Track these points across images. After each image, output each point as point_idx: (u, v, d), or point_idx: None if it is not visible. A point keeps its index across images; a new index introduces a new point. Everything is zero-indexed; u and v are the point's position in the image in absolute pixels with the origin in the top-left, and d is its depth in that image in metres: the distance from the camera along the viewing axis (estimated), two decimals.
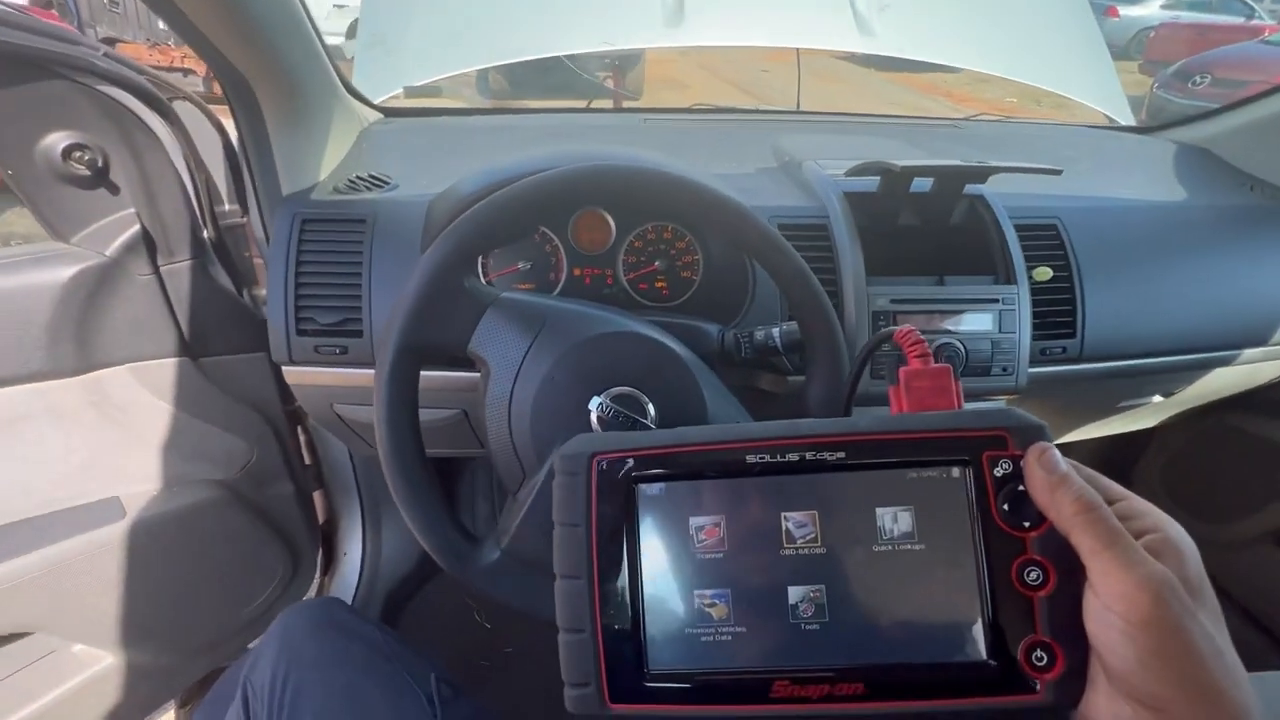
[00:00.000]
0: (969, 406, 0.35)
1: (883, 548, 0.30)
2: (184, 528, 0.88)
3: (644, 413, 0.55)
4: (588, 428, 0.55)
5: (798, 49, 1.33)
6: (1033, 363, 0.79)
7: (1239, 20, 8.60)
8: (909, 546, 0.29)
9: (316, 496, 1.17)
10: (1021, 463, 0.29)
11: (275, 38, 0.68)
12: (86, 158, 0.72)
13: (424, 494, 0.53)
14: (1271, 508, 1.13)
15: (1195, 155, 1.09)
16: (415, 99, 1.22)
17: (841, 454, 0.30)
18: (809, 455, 0.30)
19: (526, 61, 1.15)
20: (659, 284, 0.83)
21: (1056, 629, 0.28)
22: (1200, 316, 0.87)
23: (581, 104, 1.62)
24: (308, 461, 1.10)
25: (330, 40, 0.82)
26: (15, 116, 0.68)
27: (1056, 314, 0.82)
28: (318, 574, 1.18)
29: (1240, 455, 1.18)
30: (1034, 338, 0.79)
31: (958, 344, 0.77)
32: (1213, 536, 1.21)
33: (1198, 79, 5.31)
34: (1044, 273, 0.80)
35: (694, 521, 0.31)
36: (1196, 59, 5.75)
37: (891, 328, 0.41)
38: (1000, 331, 0.78)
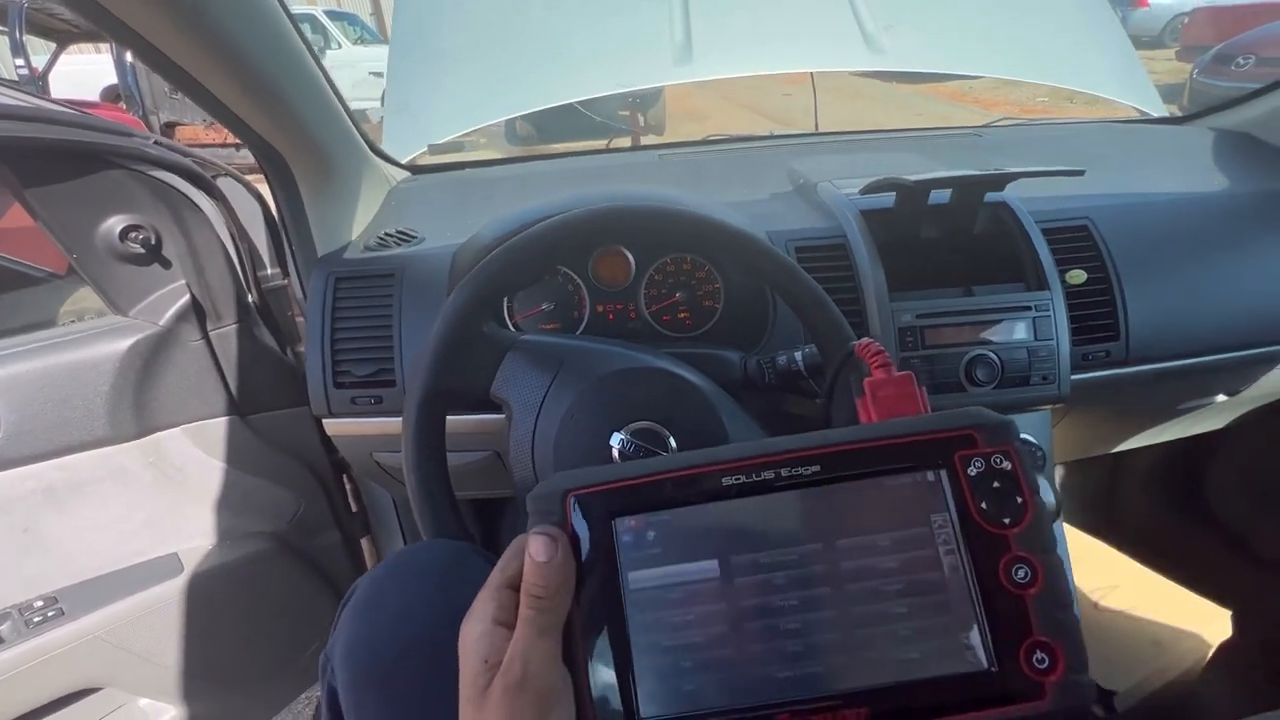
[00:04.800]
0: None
1: (870, 562, 0.29)
2: (238, 580, 0.91)
3: (665, 446, 0.55)
4: (608, 463, 0.55)
5: (811, 72, 1.34)
6: (1075, 369, 0.76)
7: None
8: (896, 558, 0.29)
9: (364, 543, 1.19)
10: (995, 459, 0.29)
11: (303, 114, 0.73)
12: (141, 237, 0.78)
13: (454, 538, 0.54)
14: None
15: (1236, 141, 1.05)
16: (440, 155, 1.28)
17: (816, 468, 0.29)
18: (784, 472, 0.30)
19: (551, 108, 1.19)
20: (681, 314, 0.83)
21: (1052, 627, 0.27)
22: (1256, 308, 0.82)
23: (601, 144, 1.66)
24: (354, 510, 1.13)
25: (368, 105, 0.88)
26: (77, 205, 0.74)
27: (1096, 317, 0.79)
28: None
29: None
30: (1074, 343, 0.76)
31: (992, 355, 0.74)
32: None
33: (1241, 60, 5.09)
34: (1078, 276, 0.78)
35: (677, 552, 0.30)
36: (1237, 40, 5.51)
37: (852, 343, 0.41)
38: (1036, 339, 0.75)
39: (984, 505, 0.29)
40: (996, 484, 0.29)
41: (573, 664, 0.29)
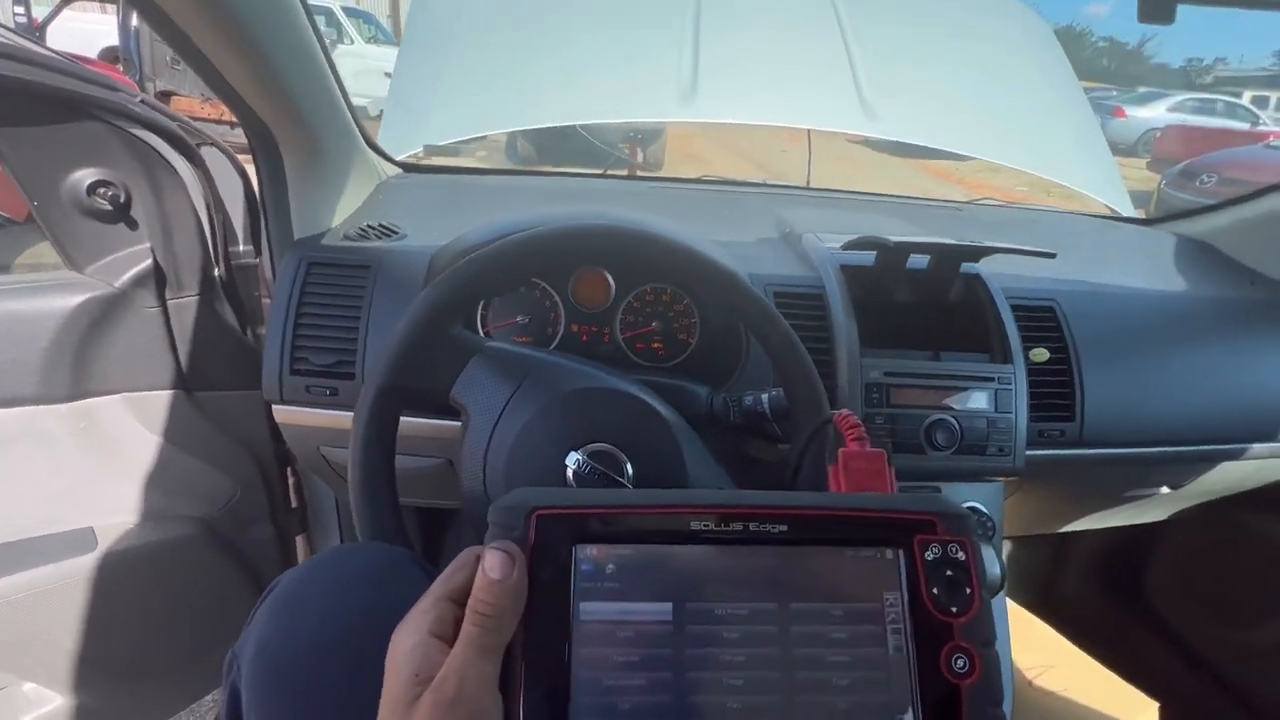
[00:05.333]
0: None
1: (820, 629, 0.29)
2: (155, 564, 0.86)
3: (621, 471, 0.54)
4: (563, 482, 0.53)
5: (809, 130, 1.38)
6: (1031, 445, 0.78)
7: (1244, 125, 8.93)
8: (846, 629, 0.29)
9: (299, 541, 1.14)
10: (951, 548, 0.30)
11: (299, 93, 0.72)
12: (110, 193, 0.75)
13: (391, 540, 0.52)
14: None
15: (1196, 248, 1.10)
16: (435, 157, 1.27)
17: (784, 528, 0.30)
18: (753, 527, 0.30)
19: (553, 131, 1.20)
20: (655, 344, 0.83)
21: None
22: (1203, 408, 0.86)
23: (597, 171, 1.68)
24: (294, 505, 1.09)
25: (369, 100, 0.87)
26: (48, 152, 0.72)
27: (1054, 396, 0.81)
28: None
29: (1256, 556, 1.12)
30: (1032, 419, 0.78)
31: (952, 421, 0.75)
32: (1231, 641, 1.14)
33: (1205, 178, 5.46)
34: (1041, 354, 0.80)
35: (633, 590, 0.29)
36: (1204, 159, 5.91)
37: (832, 412, 0.43)
38: (996, 411, 0.76)
39: (935, 591, 0.30)
40: (950, 572, 0.30)
41: (507, 690, 0.28)
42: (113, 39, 5.03)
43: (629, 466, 0.54)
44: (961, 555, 0.30)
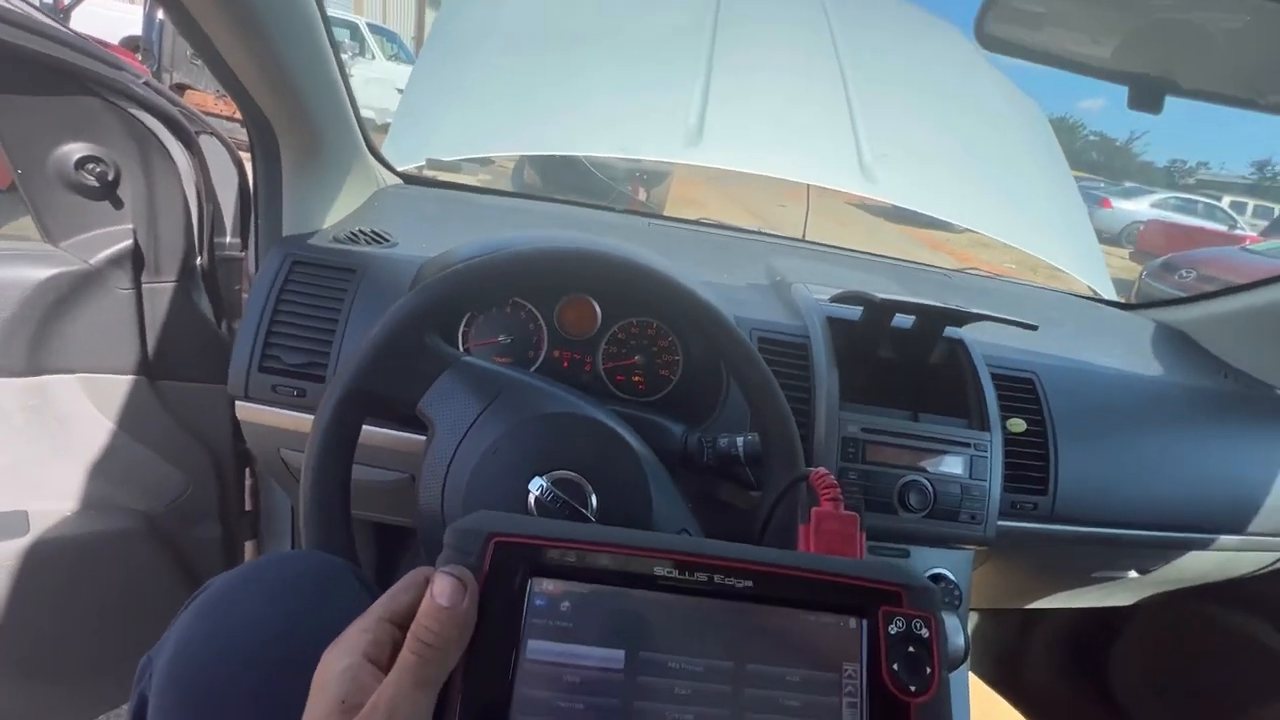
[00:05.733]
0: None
1: (774, 695, 0.28)
2: (91, 557, 0.81)
3: (585, 502, 0.52)
4: (524, 508, 0.52)
5: (808, 185, 1.42)
6: (1003, 515, 0.77)
7: (1222, 227, 9.35)
8: (800, 698, 0.28)
9: (249, 547, 1.09)
10: (915, 623, 0.29)
11: (305, 91, 0.72)
12: (98, 170, 0.74)
13: (337, 551, 0.49)
14: (1254, 714, 1.06)
15: (1173, 336, 1.13)
16: (437, 171, 1.28)
17: (749, 583, 0.29)
18: (717, 579, 0.29)
19: (560, 163, 1.21)
20: (636, 378, 0.82)
21: None
22: (1174, 494, 0.86)
23: (596, 204, 1.70)
24: (248, 508, 1.04)
25: (373, 114, 0.87)
26: (41, 122, 0.71)
27: (1029, 468, 0.80)
28: None
29: (1221, 650, 1.11)
30: (1005, 489, 0.77)
31: (926, 483, 0.74)
32: None
33: (1184, 272, 5.66)
34: (1018, 424, 0.80)
35: (585, 632, 0.28)
36: (1184, 255, 6.15)
37: (808, 469, 0.43)
38: (971, 477, 0.76)
39: (895, 667, 0.29)
40: (911, 649, 0.29)
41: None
42: (138, 29, 5.09)
43: (594, 498, 0.53)
44: (925, 632, 0.29)
